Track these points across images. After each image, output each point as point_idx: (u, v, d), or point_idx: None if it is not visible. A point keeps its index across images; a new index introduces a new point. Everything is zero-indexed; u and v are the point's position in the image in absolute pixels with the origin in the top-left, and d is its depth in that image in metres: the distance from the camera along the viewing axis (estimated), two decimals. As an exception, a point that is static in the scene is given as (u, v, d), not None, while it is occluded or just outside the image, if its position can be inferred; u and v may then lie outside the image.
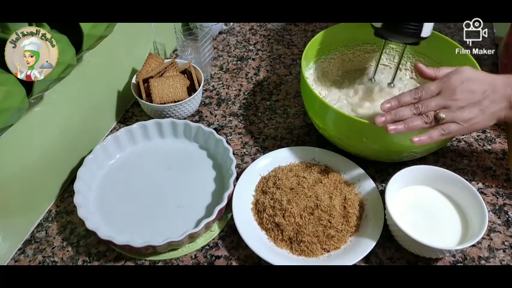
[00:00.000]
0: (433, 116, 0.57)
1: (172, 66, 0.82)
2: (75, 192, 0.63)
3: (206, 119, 0.84)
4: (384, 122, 0.58)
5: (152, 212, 0.66)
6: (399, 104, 0.59)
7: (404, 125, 0.57)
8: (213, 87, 0.92)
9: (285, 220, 0.61)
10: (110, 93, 0.81)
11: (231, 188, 0.64)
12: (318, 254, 0.60)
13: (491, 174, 0.71)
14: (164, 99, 0.77)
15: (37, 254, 0.63)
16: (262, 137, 0.80)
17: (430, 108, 0.58)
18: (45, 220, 0.67)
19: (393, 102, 0.59)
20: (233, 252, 0.62)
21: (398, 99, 0.59)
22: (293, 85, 0.92)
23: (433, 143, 0.58)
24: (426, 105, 0.58)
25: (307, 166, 0.70)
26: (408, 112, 0.58)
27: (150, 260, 0.61)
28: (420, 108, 0.58)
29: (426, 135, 0.57)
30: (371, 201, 0.65)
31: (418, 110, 0.58)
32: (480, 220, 0.57)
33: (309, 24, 1.11)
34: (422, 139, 0.57)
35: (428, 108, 0.58)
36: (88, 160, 0.69)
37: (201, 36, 0.86)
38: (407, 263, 0.60)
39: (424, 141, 0.57)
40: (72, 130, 0.71)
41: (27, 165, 0.62)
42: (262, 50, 1.03)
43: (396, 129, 0.57)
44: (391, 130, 0.57)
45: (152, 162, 0.74)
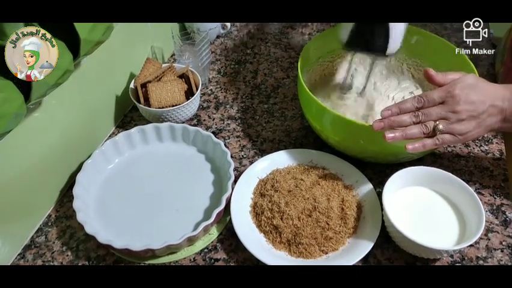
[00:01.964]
0: (432, 127, 0.58)
1: (169, 70, 0.83)
2: (74, 197, 0.64)
3: (204, 123, 0.85)
4: (382, 127, 0.58)
5: (151, 216, 0.67)
6: (400, 111, 0.59)
7: (401, 133, 0.58)
8: (211, 91, 0.92)
9: (283, 222, 0.62)
10: (109, 98, 0.81)
11: (229, 191, 0.64)
12: (316, 256, 0.60)
13: (488, 174, 0.71)
14: (162, 103, 0.78)
15: (37, 259, 0.63)
16: (260, 140, 0.80)
17: (430, 118, 0.58)
18: (44, 225, 0.67)
19: (393, 109, 0.59)
20: (232, 255, 0.62)
21: (399, 106, 0.59)
22: (290, 88, 0.92)
23: (426, 150, 0.60)
24: (426, 114, 0.59)
25: (305, 168, 0.70)
26: (408, 120, 0.59)
27: (149, 263, 0.62)
28: (420, 117, 0.59)
29: (420, 144, 0.59)
30: (369, 202, 0.65)
31: (418, 119, 0.59)
32: (477, 220, 0.57)
33: (306, 27, 1.12)
34: (415, 147, 0.59)
35: (427, 118, 0.58)
36: (87, 165, 0.69)
37: (198, 41, 0.87)
38: (405, 263, 0.60)
39: (417, 148, 0.59)
40: (71, 135, 0.71)
41: (26, 170, 0.62)
42: (259, 54, 1.03)
43: (393, 138, 0.58)
44: (388, 138, 0.58)
45: (151, 166, 0.75)
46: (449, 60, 0.74)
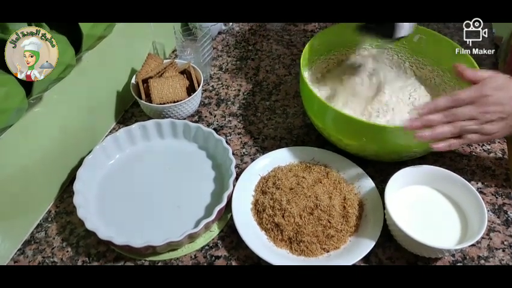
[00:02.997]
0: (461, 127, 0.58)
1: (171, 66, 0.82)
2: (74, 193, 0.63)
3: (205, 119, 0.84)
4: (414, 127, 0.58)
5: (152, 212, 0.66)
6: (433, 110, 0.59)
7: (430, 133, 0.58)
8: (213, 88, 0.92)
9: (285, 220, 0.62)
10: (110, 93, 0.81)
11: (230, 188, 0.64)
12: (317, 254, 0.60)
13: (490, 173, 0.71)
14: (163, 99, 0.77)
15: (37, 255, 0.63)
16: (262, 137, 0.80)
17: (459, 118, 0.58)
18: (44, 220, 0.67)
19: (427, 108, 0.59)
20: (233, 253, 0.62)
21: (432, 105, 0.59)
22: (292, 85, 0.92)
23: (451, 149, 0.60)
24: (456, 114, 0.58)
25: (307, 166, 0.70)
26: (439, 120, 0.59)
27: (150, 260, 0.61)
28: (450, 117, 0.59)
29: (446, 143, 0.59)
30: (371, 201, 0.65)
31: (448, 119, 0.59)
32: (479, 220, 0.57)
33: (308, 25, 1.11)
34: (440, 146, 0.59)
35: (457, 118, 0.58)
36: (87, 160, 0.69)
37: (200, 37, 0.86)
38: (407, 262, 0.60)
39: (443, 148, 0.59)
40: (71, 130, 0.71)
41: (26, 165, 0.62)
42: (261, 50, 1.03)
43: (423, 136, 0.58)
44: (418, 136, 0.58)
45: (152, 163, 0.74)
46: (451, 58, 0.74)
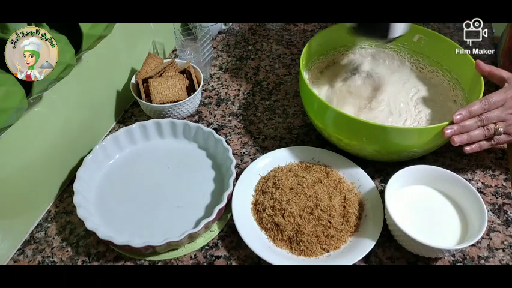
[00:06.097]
0: (493, 130, 0.62)
1: (171, 66, 0.82)
2: (74, 193, 0.63)
3: (205, 119, 0.84)
4: (453, 134, 0.61)
5: (152, 212, 0.66)
6: (470, 115, 0.61)
7: (467, 137, 0.61)
8: (212, 87, 0.92)
9: (285, 220, 0.61)
10: (110, 93, 0.81)
11: (230, 188, 0.64)
12: (317, 254, 0.60)
13: (490, 173, 0.71)
14: (163, 99, 0.77)
15: (36, 255, 0.63)
16: (262, 137, 0.80)
17: (491, 121, 0.61)
18: (44, 220, 0.67)
19: (464, 113, 0.61)
20: (233, 252, 0.62)
21: (469, 110, 0.61)
22: (292, 85, 0.92)
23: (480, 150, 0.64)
24: (488, 118, 0.61)
25: (307, 166, 0.70)
26: (474, 124, 0.61)
27: (150, 260, 0.61)
28: (484, 121, 0.61)
29: (477, 145, 0.63)
30: (371, 201, 0.65)
31: (482, 123, 0.61)
32: (479, 220, 0.57)
33: (308, 24, 1.11)
34: (473, 147, 0.63)
35: (489, 121, 0.61)
36: (87, 160, 0.69)
37: (200, 36, 0.86)
38: (407, 262, 0.60)
39: (474, 149, 0.63)
40: (71, 130, 0.70)
41: (26, 165, 0.62)
42: (261, 50, 1.03)
43: (461, 141, 0.61)
44: (456, 142, 0.61)
45: (152, 162, 0.74)
46: (451, 58, 0.74)
